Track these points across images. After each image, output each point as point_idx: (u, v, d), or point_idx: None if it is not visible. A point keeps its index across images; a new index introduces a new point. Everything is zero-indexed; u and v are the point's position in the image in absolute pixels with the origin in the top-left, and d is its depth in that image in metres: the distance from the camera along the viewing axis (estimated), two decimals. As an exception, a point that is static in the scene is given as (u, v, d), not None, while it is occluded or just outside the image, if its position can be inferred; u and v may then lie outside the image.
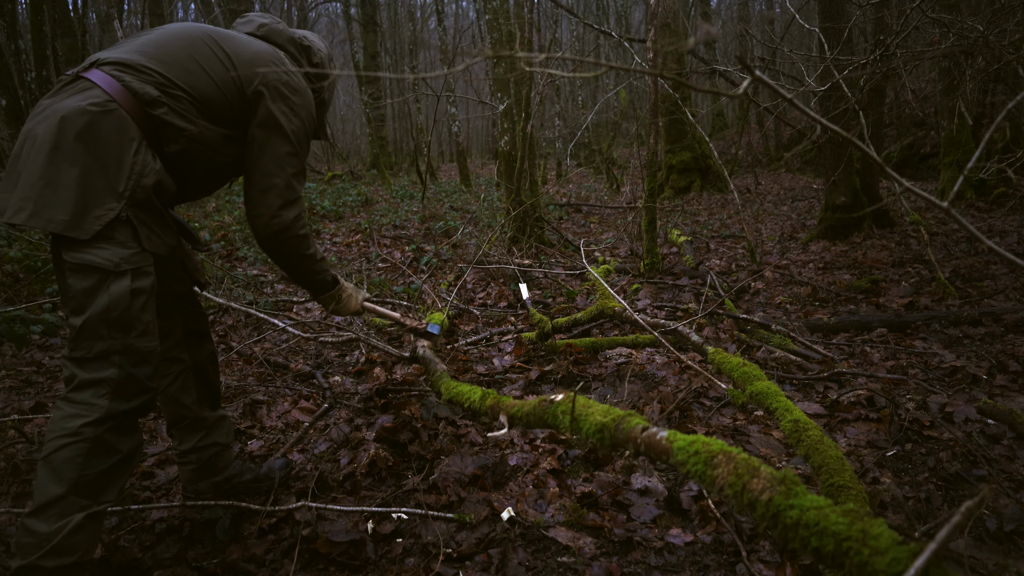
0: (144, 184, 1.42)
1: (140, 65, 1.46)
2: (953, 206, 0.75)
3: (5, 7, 9.02)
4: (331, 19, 28.22)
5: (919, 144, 10.40)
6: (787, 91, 0.74)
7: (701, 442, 0.93)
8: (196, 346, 1.83)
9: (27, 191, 1.33)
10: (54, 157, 1.34)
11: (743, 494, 0.85)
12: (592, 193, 12.19)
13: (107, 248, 1.37)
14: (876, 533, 0.73)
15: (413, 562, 1.62)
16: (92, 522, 1.35)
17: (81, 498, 1.33)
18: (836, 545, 0.75)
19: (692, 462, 0.93)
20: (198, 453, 1.83)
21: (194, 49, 1.54)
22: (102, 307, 1.36)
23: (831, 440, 1.66)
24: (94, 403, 1.36)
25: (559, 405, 1.20)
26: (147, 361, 1.43)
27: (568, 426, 1.19)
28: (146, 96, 1.43)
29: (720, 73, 4.48)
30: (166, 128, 1.48)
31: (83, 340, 1.37)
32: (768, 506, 0.82)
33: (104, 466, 1.36)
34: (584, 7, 21.49)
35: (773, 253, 5.89)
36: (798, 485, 0.84)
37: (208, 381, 1.86)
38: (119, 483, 1.41)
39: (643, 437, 1.03)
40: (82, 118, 1.35)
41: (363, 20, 16.38)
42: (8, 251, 4.20)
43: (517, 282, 4.48)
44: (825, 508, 0.78)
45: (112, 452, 1.38)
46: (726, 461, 0.89)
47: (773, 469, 0.87)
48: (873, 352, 3.06)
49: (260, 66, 1.60)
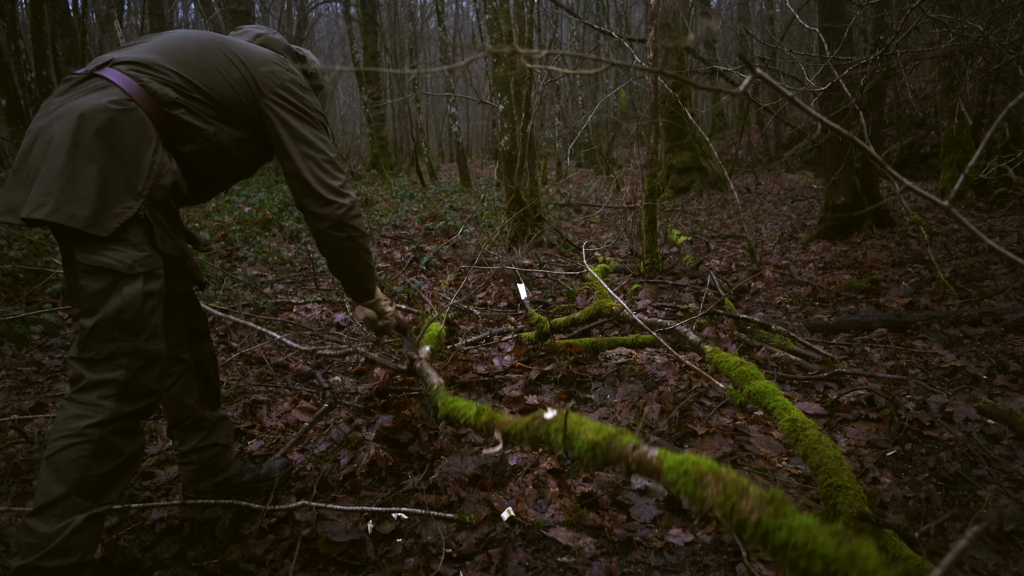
0: (163, 184, 1.43)
1: (158, 65, 1.47)
2: (953, 205, 0.75)
3: (5, 7, 9.02)
4: (331, 19, 28.23)
5: (919, 144, 10.41)
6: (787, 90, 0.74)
7: (691, 461, 0.93)
8: (197, 346, 1.83)
9: (47, 186, 1.32)
10: (74, 153, 1.33)
11: (732, 514, 0.85)
12: (592, 193, 12.19)
13: (121, 250, 1.37)
14: (864, 555, 0.74)
15: (413, 562, 1.62)
16: (93, 523, 1.35)
17: (83, 499, 1.33)
18: (824, 567, 0.76)
19: (682, 482, 0.93)
20: (199, 454, 1.83)
21: (207, 52, 1.55)
22: (114, 309, 1.36)
23: (829, 439, 1.66)
24: (100, 404, 1.36)
25: (552, 423, 1.20)
26: (154, 364, 1.43)
27: (561, 444, 1.19)
28: (165, 97, 1.45)
29: (720, 73, 4.48)
30: (183, 128, 1.49)
31: (93, 342, 1.37)
32: (757, 527, 0.83)
33: (107, 468, 1.36)
34: (584, 7, 21.48)
35: (773, 253, 5.89)
36: (787, 505, 0.84)
37: (209, 381, 1.86)
38: (121, 485, 1.41)
39: (634, 456, 1.03)
40: (102, 115, 1.35)
41: (363, 20, 16.38)
42: (8, 251, 4.20)
43: (516, 282, 4.48)
44: (814, 529, 0.79)
45: (116, 454, 1.37)
46: (715, 481, 0.89)
47: (762, 489, 0.87)
48: (873, 352, 3.06)
49: (270, 67, 1.62)
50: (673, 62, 10.03)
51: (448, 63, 15.66)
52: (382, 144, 16.49)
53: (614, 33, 5.36)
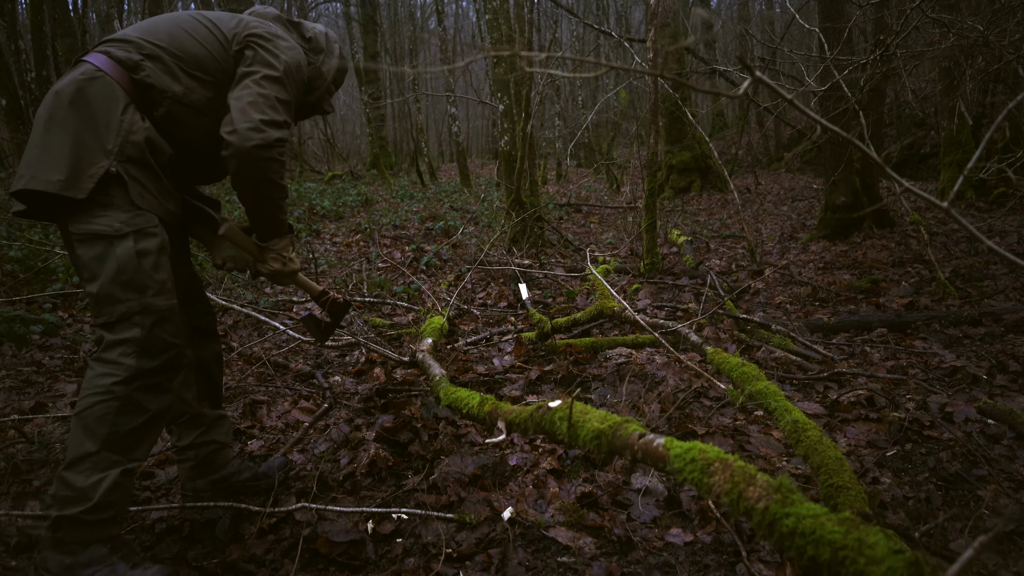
0: (133, 140, 1.48)
1: (127, 37, 1.57)
2: (953, 206, 0.75)
3: (5, 7, 9.02)
4: (331, 19, 28.22)
5: (919, 144, 10.40)
6: (787, 91, 0.74)
7: (697, 449, 0.93)
8: (203, 344, 1.85)
9: (28, 160, 1.43)
10: (49, 127, 1.44)
11: (739, 502, 0.85)
12: (592, 193, 12.19)
13: (108, 214, 1.44)
14: (872, 542, 0.73)
15: (413, 562, 1.62)
16: (126, 479, 1.43)
17: (113, 454, 1.40)
18: (832, 554, 0.75)
19: (688, 469, 0.92)
20: (196, 450, 1.84)
21: (178, 19, 1.65)
22: (112, 271, 1.43)
23: (830, 440, 1.66)
24: (121, 362, 1.42)
25: (556, 411, 1.20)
26: (168, 319, 1.48)
27: (566, 433, 1.18)
28: (128, 61, 1.52)
29: (720, 73, 4.48)
30: (151, 92, 1.54)
31: (103, 306, 1.44)
32: (764, 514, 0.82)
33: (134, 424, 1.42)
34: (584, 7, 21.48)
35: (773, 253, 5.89)
36: (794, 493, 0.83)
37: (211, 379, 1.86)
38: (149, 441, 1.47)
39: (640, 444, 1.03)
40: (71, 87, 1.46)
41: (363, 20, 16.38)
42: (8, 251, 4.20)
43: (517, 282, 4.48)
44: (821, 516, 0.78)
45: (141, 411, 1.43)
46: (722, 469, 0.89)
47: (769, 477, 0.86)
48: (873, 352, 3.06)
49: (243, 25, 1.67)
50: (673, 63, 10.03)
51: (448, 63, 15.66)
52: (382, 144, 16.48)
53: (614, 33, 5.36)
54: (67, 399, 2.64)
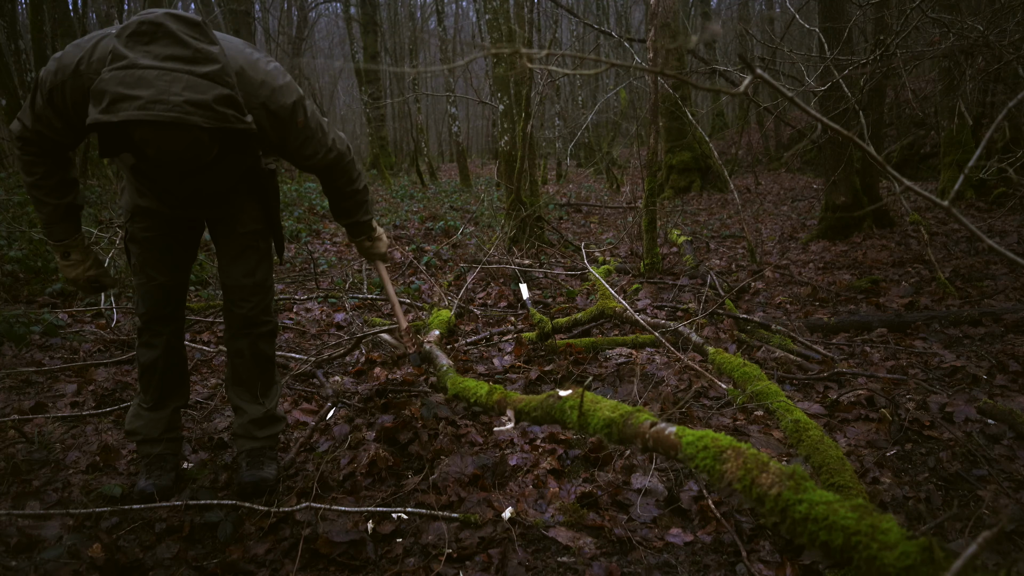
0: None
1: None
2: (953, 206, 0.75)
3: (5, 7, 9.02)
4: (331, 19, 28.21)
5: (919, 144, 10.41)
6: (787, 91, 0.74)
7: (710, 437, 0.93)
8: (228, 339, 2.05)
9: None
10: None
11: (752, 488, 0.85)
12: (592, 193, 12.19)
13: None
14: (885, 528, 0.73)
15: (413, 562, 1.62)
16: (141, 411, 1.97)
17: (136, 394, 2.02)
18: (845, 539, 0.74)
19: (701, 456, 0.93)
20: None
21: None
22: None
23: (831, 440, 1.66)
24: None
25: (567, 400, 1.20)
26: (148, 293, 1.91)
27: (576, 421, 1.19)
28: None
29: (720, 73, 4.48)
30: None
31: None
32: (777, 500, 0.82)
33: (138, 372, 1.96)
34: (584, 7, 21.47)
35: (773, 253, 5.89)
36: (807, 480, 0.83)
37: (234, 369, 2.04)
38: (151, 389, 1.95)
39: (652, 432, 1.03)
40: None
41: (363, 20, 16.37)
42: (8, 251, 4.20)
43: (517, 282, 4.48)
44: (834, 503, 0.78)
45: (136, 362, 1.98)
46: (735, 456, 0.89)
47: (782, 464, 0.86)
48: (873, 352, 3.06)
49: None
50: (673, 62, 10.03)
51: (448, 63, 15.66)
52: (382, 144, 16.49)
53: (614, 33, 5.36)
54: (67, 399, 2.64)
